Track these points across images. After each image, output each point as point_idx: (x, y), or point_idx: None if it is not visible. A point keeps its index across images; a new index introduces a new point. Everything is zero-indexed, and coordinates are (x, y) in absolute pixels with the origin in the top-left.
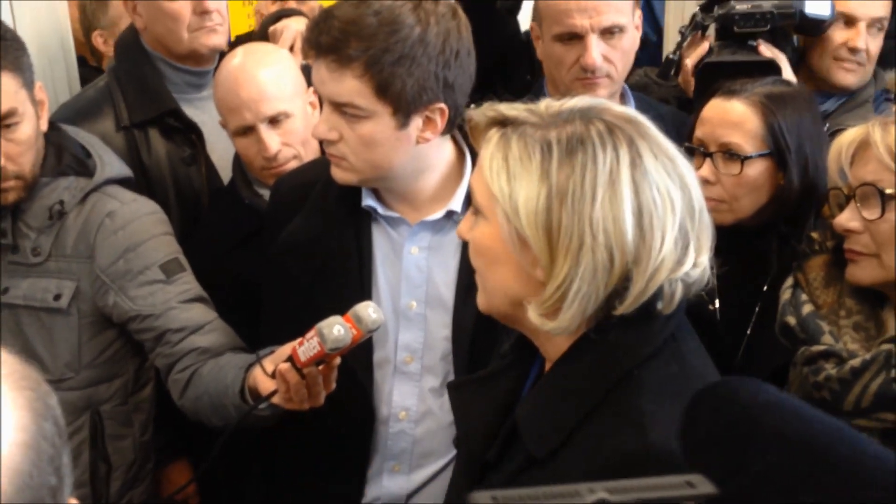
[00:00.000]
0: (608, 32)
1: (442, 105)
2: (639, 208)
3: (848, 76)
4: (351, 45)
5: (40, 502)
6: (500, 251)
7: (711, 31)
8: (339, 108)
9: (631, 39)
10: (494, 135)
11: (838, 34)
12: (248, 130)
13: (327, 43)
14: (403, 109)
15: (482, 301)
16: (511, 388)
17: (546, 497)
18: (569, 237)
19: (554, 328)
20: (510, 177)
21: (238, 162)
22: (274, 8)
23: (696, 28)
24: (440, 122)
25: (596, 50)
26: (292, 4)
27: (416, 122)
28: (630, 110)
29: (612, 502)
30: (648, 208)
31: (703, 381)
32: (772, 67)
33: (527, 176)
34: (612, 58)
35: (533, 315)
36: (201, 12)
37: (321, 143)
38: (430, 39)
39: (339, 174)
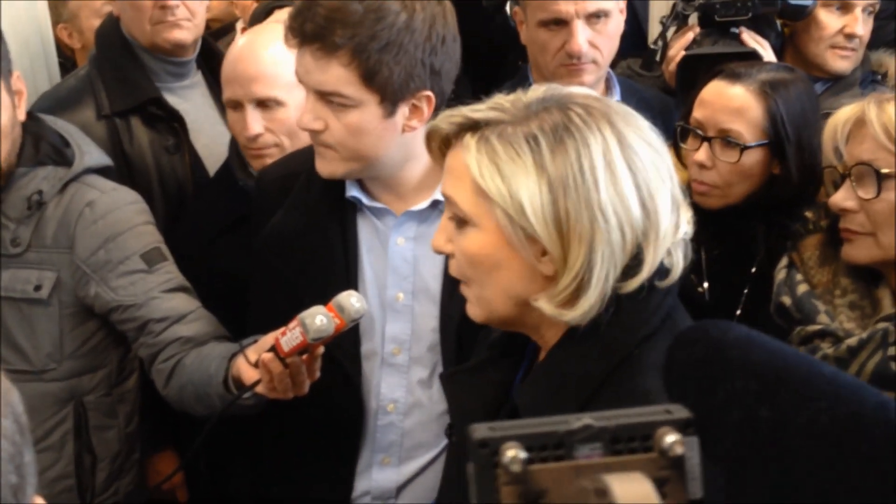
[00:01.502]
0: (594, 17)
1: (429, 93)
2: (637, 184)
3: (843, 62)
4: (337, 33)
5: (1, 502)
6: (501, 255)
7: (694, 19)
8: (325, 97)
9: (616, 24)
10: (471, 140)
11: (833, 20)
12: (237, 106)
13: (312, 31)
14: (390, 98)
15: (478, 312)
16: (504, 377)
17: (537, 425)
18: (579, 224)
19: (574, 317)
20: (505, 178)
21: (234, 144)
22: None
23: (676, 18)
24: (427, 110)
25: (582, 36)
26: None
27: (403, 110)
28: (586, 90)
29: (596, 426)
30: (645, 181)
31: None
32: (754, 58)
33: (522, 173)
34: (598, 43)
35: (547, 308)
36: (162, 6)
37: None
38: (416, 26)
39: (325, 167)
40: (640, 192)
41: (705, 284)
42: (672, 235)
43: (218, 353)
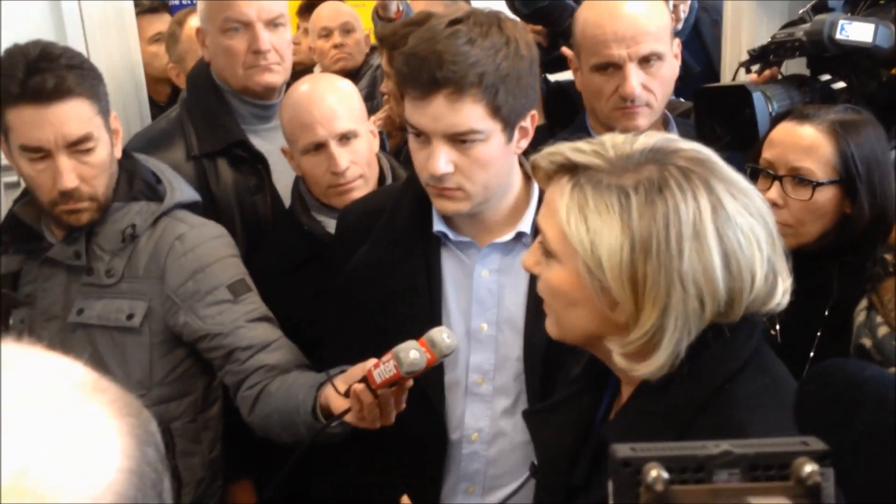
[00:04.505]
0: (646, 61)
1: (534, 112)
2: (726, 255)
3: None
4: (468, 74)
5: None
6: (578, 295)
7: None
8: (456, 137)
9: (670, 68)
10: (566, 185)
11: None
12: (319, 147)
13: (444, 77)
14: (511, 124)
15: (554, 331)
16: (586, 412)
17: (678, 449)
18: (656, 288)
19: (644, 372)
20: (590, 230)
21: (297, 188)
22: (319, 42)
23: (751, 61)
24: (531, 129)
25: (635, 79)
26: (337, 39)
27: (516, 133)
28: (697, 146)
29: (736, 453)
30: (735, 253)
31: (791, 391)
32: (742, 92)
33: (607, 228)
34: (652, 86)
35: (618, 359)
36: (255, 51)
37: (377, 173)
38: (522, 51)
39: (451, 205)
40: (728, 262)
41: (777, 327)
42: (762, 304)
43: (304, 382)
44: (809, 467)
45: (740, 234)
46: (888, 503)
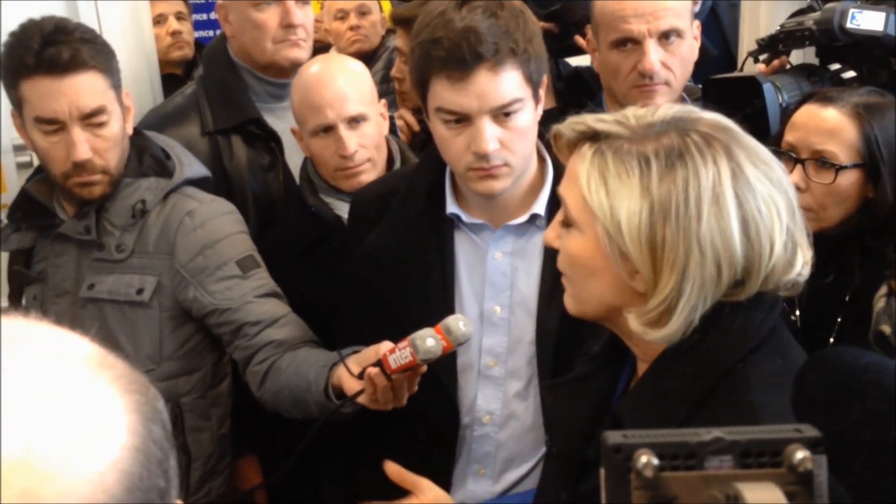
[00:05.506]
0: (665, 37)
1: (546, 76)
2: (745, 220)
3: None
4: (506, 43)
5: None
6: (597, 263)
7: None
8: (500, 111)
9: (689, 47)
10: (588, 150)
11: None
12: (328, 130)
13: (486, 49)
14: (536, 89)
15: (573, 306)
16: (604, 389)
17: (669, 436)
18: (674, 252)
19: (659, 338)
20: (609, 194)
21: (305, 170)
22: (335, 24)
23: (760, 51)
24: (543, 96)
25: (654, 55)
26: (353, 21)
27: (537, 100)
28: (720, 116)
29: (727, 440)
30: (754, 219)
31: None
32: (752, 83)
33: (627, 192)
34: (671, 64)
35: (634, 324)
36: (287, 25)
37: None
38: (531, 17)
39: (497, 184)
40: (746, 228)
41: (797, 312)
42: (782, 273)
43: (316, 360)
44: (801, 454)
45: (760, 201)
46: (882, 489)
